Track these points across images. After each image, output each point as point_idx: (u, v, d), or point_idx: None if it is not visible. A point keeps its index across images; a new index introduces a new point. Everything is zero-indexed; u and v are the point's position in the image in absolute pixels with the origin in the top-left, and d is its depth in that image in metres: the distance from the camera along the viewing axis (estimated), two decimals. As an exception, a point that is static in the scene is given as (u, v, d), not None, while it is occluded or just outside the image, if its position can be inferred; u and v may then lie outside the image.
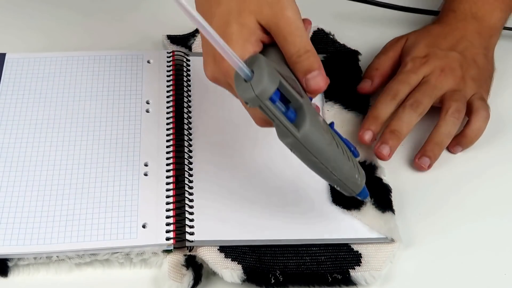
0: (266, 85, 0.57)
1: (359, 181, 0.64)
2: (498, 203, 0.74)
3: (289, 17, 0.62)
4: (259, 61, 0.58)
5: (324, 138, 0.60)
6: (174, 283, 0.65)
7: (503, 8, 0.82)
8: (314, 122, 0.60)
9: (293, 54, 0.62)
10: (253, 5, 0.62)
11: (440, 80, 0.77)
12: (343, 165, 0.62)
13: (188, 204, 0.70)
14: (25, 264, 0.67)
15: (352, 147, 0.65)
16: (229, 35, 0.62)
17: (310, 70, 0.62)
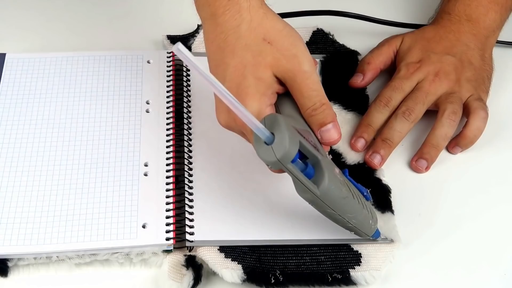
0: (288, 149, 0.57)
1: (372, 225, 0.66)
2: (498, 203, 0.74)
3: (306, 71, 0.63)
4: (279, 123, 0.58)
5: (341, 192, 0.62)
6: (174, 283, 0.65)
7: (497, 10, 0.82)
8: (332, 178, 0.61)
9: (309, 107, 0.63)
10: (270, 58, 0.63)
11: (433, 85, 0.77)
12: (359, 214, 0.64)
13: (188, 204, 0.70)
14: (25, 264, 0.67)
15: (364, 191, 0.66)
16: (245, 89, 0.62)
17: (325, 123, 0.64)
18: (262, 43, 0.63)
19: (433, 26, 0.83)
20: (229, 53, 0.63)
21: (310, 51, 0.84)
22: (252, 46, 0.63)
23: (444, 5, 0.84)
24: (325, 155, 0.64)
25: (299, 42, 0.64)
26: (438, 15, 0.84)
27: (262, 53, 0.63)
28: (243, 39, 0.63)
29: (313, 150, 0.61)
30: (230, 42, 0.63)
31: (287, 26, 0.65)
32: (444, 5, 0.84)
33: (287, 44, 0.63)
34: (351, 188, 0.64)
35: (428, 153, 0.75)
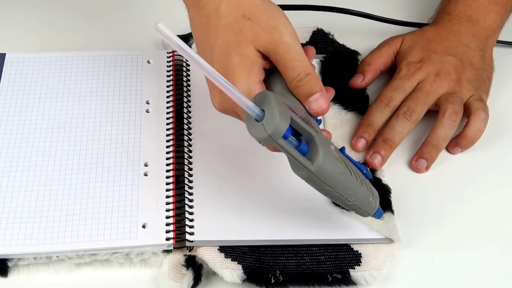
0: (278, 124, 0.57)
1: (373, 203, 0.65)
2: (498, 203, 0.74)
3: (287, 42, 0.63)
4: (268, 99, 0.58)
5: (337, 167, 0.61)
6: (174, 283, 0.65)
7: (498, 10, 0.82)
8: (327, 153, 0.60)
9: (294, 78, 0.63)
10: (250, 33, 0.63)
11: (434, 85, 0.77)
12: (358, 191, 0.63)
13: (188, 204, 0.70)
14: (25, 264, 0.67)
15: (364, 169, 0.66)
16: (231, 68, 0.62)
17: (311, 93, 0.63)
18: (242, 20, 0.63)
19: (433, 26, 0.83)
20: (212, 35, 0.64)
21: (310, 51, 0.86)
22: (233, 25, 0.63)
23: (444, 6, 0.84)
24: (320, 132, 0.63)
25: (278, 14, 0.64)
26: (439, 15, 0.84)
27: (242, 30, 0.63)
28: (223, 19, 0.63)
29: (306, 126, 0.60)
30: (212, 24, 0.64)
31: (265, 0, 0.65)
32: (445, 6, 0.84)
33: (266, 17, 0.63)
34: (349, 165, 0.63)
35: (428, 153, 0.75)
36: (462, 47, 0.80)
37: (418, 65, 0.79)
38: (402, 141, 0.76)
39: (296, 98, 0.64)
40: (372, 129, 0.76)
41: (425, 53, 0.80)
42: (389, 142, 0.75)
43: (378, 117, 0.76)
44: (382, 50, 0.82)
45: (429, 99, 0.77)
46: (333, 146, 0.63)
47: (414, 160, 0.76)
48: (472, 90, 0.78)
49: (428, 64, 0.78)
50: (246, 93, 0.61)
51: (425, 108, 0.76)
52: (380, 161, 0.75)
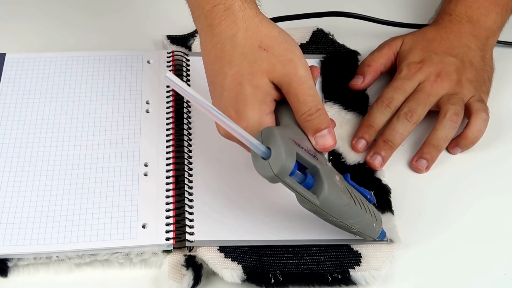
0: (285, 163, 0.58)
1: (377, 228, 0.66)
2: (498, 203, 0.74)
3: (302, 76, 0.63)
4: (274, 137, 0.58)
5: (342, 200, 0.62)
6: (174, 283, 0.65)
7: (498, 11, 0.82)
8: (332, 186, 0.61)
9: (304, 112, 0.63)
10: (266, 65, 0.63)
11: (435, 86, 0.77)
12: (362, 219, 0.64)
13: (188, 204, 0.70)
14: (25, 264, 0.67)
15: (367, 194, 0.66)
16: (243, 97, 0.63)
17: (320, 129, 0.64)
18: (258, 51, 0.63)
19: (434, 27, 0.83)
20: (226, 62, 0.64)
21: (310, 51, 0.86)
22: (248, 54, 0.63)
23: (445, 6, 0.84)
24: (325, 162, 0.64)
25: (294, 48, 0.65)
26: (439, 16, 0.84)
27: (257, 60, 0.63)
28: (239, 47, 0.63)
29: (311, 159, 0.61)
30: (227, 51, 0.64)
31: (282, 32, 0.65)
32: (445, 6, 0.84)
33: (283, 49, 0.64)
34: (353, 194, 0.64)
35: (429, 153, 0.75)
36: (462, 47, 0.80)
37: (419, 65, 0.79)
38: (403, 142, 0.76)
39: (302, 131, 0.64)
40: (373, 129, 0.76)
41: (426, 54, 0.80)
42: (389, 143, 0.75)
43: (379, 117, 0.76)
44: (382, 52, 0.82)
45: (430, 100, 0.77)
46: (338, 176, 0.63)
47: (415, 160, 0.76)
48: (472, 90, 0.78)
49: (429, 65, 0.78)
50: (256, 125, 0.62)
51: (426, 109, 0.76)
52: (380, 161, 0.75)
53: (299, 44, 0.86)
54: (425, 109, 0.76)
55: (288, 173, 0.58)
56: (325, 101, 0.80)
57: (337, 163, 0.75)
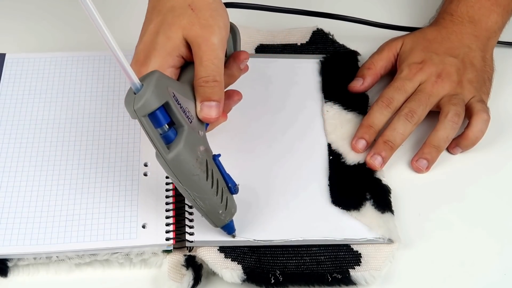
0: (146, 101, 0.57)
1: (222, 216, 0.65)
2: (498, 203, 0.74)
3: (214, 43, 0.64)
4: (151, 77, 0.58)
5: (193, 167, 0.61)
6: (174, 283, 0.65)
7: (500, 12, 0.82)
8: (188, 149, 0.60)
9: (202, 77, 0.64)
10: (186, 21, 0.65)
11: (436, 87, 0.77)
12: (208, 198, 0.63)
13: (188, 204, 0.70)
14: (25, 264, 0.67)
15: (231, 184, 0.65)
16: (154, 44, 0.65)
17: (209, 99, 0.64)
18: (186, 8, 0.65)
19: (434, 27, 0.83)
20: (156, 11, 0.67)
21: (310, 51, 0.86)
22: (176, 9, 0.65)
23: (446, 6, 0.84)
24: (198, 131, 0.63)
25: (220, 18, 0.66)
26: (440, 15, 0.84)
27: (181, 15, 0.65)
28: (172, 1, 0.66)
29: (181, 117, 0.60)
30: (161, 2, 0.66)
31: (217, 2, 0.67)
32: (446, 6, 0.84)
33: (208, 15, 0.65)
34: (211, 172, 0.63)
35: (429, 153, 0.75)
36: (463, 48, 0.80)
37: (420, 66, 0.79)
38: (403, 142, 0.76)
39: (193, 96, 0.64)
40: (373, 130, 0.76)
41: (427, 54, 0.80)
42: (390, 144, 0.75)
43: (379, 118, 0.76)
44: (382, 54, 0.82)
45: (431, 100, 0.77)
46: (203, 147, 0.63)
47: (415, 160, 0.76)
48: (473, 91, 0.78)
49: (430, 65, 0.78)
50: None
51: (427, 109, 0.76)
52: (380, 162, 0.74)
53: (299, 44, 0.86)
54: (425, 110, 0.76)
55: (147, 113, 0.58)
56: (325, 101, 0.80)
57: (337, 163, 0.75)
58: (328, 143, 0.77)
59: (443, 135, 0.75)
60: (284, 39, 0.87)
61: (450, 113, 0.75)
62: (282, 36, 0.87)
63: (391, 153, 0.75)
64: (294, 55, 0.85)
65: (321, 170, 0.74)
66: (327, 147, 0.76)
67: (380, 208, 0.71)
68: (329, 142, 0.77)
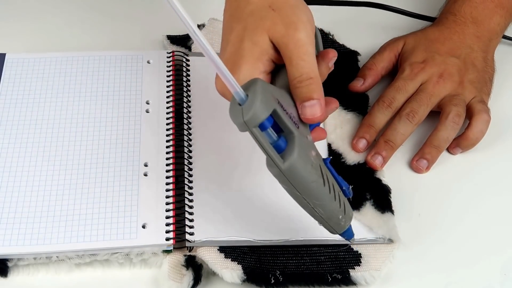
0: (256, 112, 0.55)
1: (342, 222, 0.63)
2: (498, 203, 0.74)
3: (300, 39, 0.61)
4: (255, 86, 0.56)
5: (310, 174, 0.59)
6: (174, 283, 0.65)
7: (503, 14, 0.82)
8: (303, 156, 0.58)
9: (295, 77, 0.61)
10: (269, 23, 0.62)
11: (437, 87, 0.77)
12: (327, 204, 0.61)
13: (188, 204, 0.70)
14: (25, 264, 0.67)
15: (345, 186, 0.63)
16: (241, 51, 0.61)
17: (308, 98, 0.61)
18: (267, 10, 0.62)
19: (437, 27, 0.83)
20: (236, 18, 0.63)
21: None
22: (256, 12, 0.62)
23: (449, 6, 0.84)
24: (305, 135, 0.61)
25: (302, 13, 0.63)
26: (443, 15, 0.84)
27: (263, 18, 0.62)
28: (251, 5, 0.63)
29: (290, 124, 0.58)
30: (239, 9, 0.64)
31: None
32: (449, 6, 0.84)
33: (290, 12, 0.62)
34: (326, 176, 0.61)
35: (429, 153, 0.75)
36: (465, 48, 0.80)
37: (422, 65, 0.79)
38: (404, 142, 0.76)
39: (293, 101, 0.62)
40: (374, 129, 0.76)
41: (429, 54, 0.80)
42: (390, 143, 0.75)
43: (380, 117, 0.76)
44: (384, 55, 0.82)
45: (432, 100, 0.77)
46: (314, 152, 0.61)
47: (415, 160, 0.76)
48: (474, 91, 0.78)
49: (432, 65, 0.78)
50: (248, 79, 0.59)
51: (428, 109, 0.76)
52: (381, 162, 0.75)
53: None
54: (426, 110, 0.76)
55: (258, 123, 0.56)
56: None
57: (337, 163, 0.75)
58: (328, 143, 0.77)
59: (443, 136, 0.75)
60: (284, 39, 0.87)
61: (451, 113, 0.75)
62: (282, 36, 0.87)
63: (391, 153, 0.75)
64: (294, 55, 0.85)
65: (321, 170, 0.74)
66: (327, 147, 0.76)
67: (380, 208, 0.71)
68: (329, 142, 0.77)
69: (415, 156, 0.76)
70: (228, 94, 0.62)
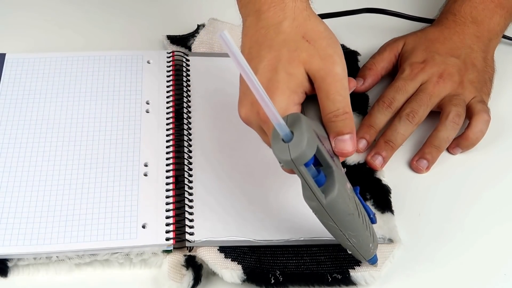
0: (304, 150, 0.56)
1: (372, 249, 0.65)
2: (498, 203, 0.74)
3: (338, 73, 0.61)
4: (300, 123, 0.56)
5: (348, 207, 0.60)
6: (174, 283, 0.65)
7: (503, 14, 0.82)
8: (342, 191, 0.59)
9: (331, 112, 0.61)
10: (305, 55, 0.61)
11: (437, 87, 0.77)
12: (361, 234, 0.62)
13: (188, 204, 0.70)
14: (25, 264, 0.66)
15: (371, 214, 0.65)
16: (275, 83, 0.61)
17: (342, 133, 0.62)
18: (301, 41, 0.62)
19: (437, 27, 0.83)
20: (266, 47, 0.62)
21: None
22: (290, 42, 0.62)
23: (449, 6, 0.84)
24: (340, 167, 0.62)
25: (336, 46, 0.63)
26: (443, 15, 0.84)
27: (298, 49, 0.61)
28: (282, 34, 0.62)
29: (329, 158, 0.59)
30: (269, 36, 0.63)
31: (328, 30, 0.64)
32: (450, 6, 0.84)
33: (325, 44, 0.62)
34: (359, 207, 0.62)
35: (430, 153, 0.75)
36: (465, 48, 0.80)
37: (422, 65, 0.79)
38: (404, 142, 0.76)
39: (325, 131, 0.63)
40: (374, 130, 0.76)
41: (429, 54, 0.80)
42: (390, 144, 0.75)
43: (380, 118, 0.76)
44: (384, 55, 0.82)
45: (432, 101, 0.77)
46: (349, 184, 0.62)
47: (415, 160, 0.76)
48: (474, 91, 0.78)
49: (432, 65, 0.78)
50: (282, 112, 0.59)
51: (428, 110, 0.76)
52: (381, 162, 0.75)
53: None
54: (426, 110, 0.76)
55: (305, 162, 0.56)
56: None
57: (337, 163, 0.75)
58: (328, 143, 0.77)
59: (443, 136, 0.75)
60: (284, 39, 0.87)
61: (451, 113, 0.75)
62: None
63: (391, 153, 0.75)
64: (294, 55, 0.85)
65: (321, 170, 0.74)
66: (327, 147, 0.76)
67: (380, 208, 0.71)
68: (329, 142, 0.77)
69: (415, 156, 0.76)
70: (254, 125, 0.63)
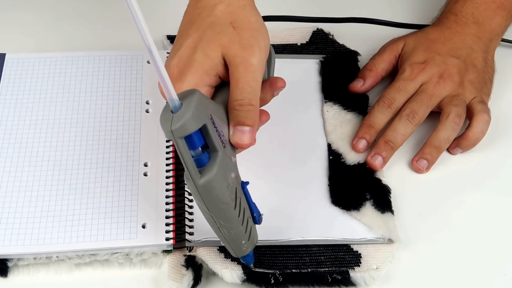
0: (185, 124, 0.54)
1: (244, 247, 0.63)
2: (498, 203, 0.74)
3: (252, 64, 0.61)
4: (191, 97, 0.55)
5: (223, 195, 0.59)
6: (174, 283, 0.65)
7: (504, 15, 0.82)
8: (220, 176, 0.58)
9: (236, 100, 0.60)
10: (226, 39, 0.61)
11: (438, 87, 0.77)
12: (233, 227, 0.61)
13: (188, 204, 0.70)
14: (25, 264, 0.67)
15: (256, 213, 0.63)
16: (191, 61, 0.61)
17: (243, 124, 0.61)
18: (227, 26, 0.62)
19: (437, 27, 0.83)
20: (195, 26, 0.63)
21: (310, 51, 0.86)
22: (216, 25, 0.62)
23: (450, 6, 0.84)
24: (230, 156, 0.60)
25: (261, 37, 0.62)
26: (443, 15, 0.84)
27: (221, 32, 0.62)
28: (212, 17, 0.63)
29: (217, 142, 0.58)
30: (201, 17, 0.64)
31: (260, 22, 0.64)
32: (451, 6, 0.84)
33: (249, 34, 0.62)
34: (239, 201, 0.61)
35: (430, 153, 0.75)
36: (466, 49, 0.80)
37: (422, 66, 0.78)
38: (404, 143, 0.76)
39: (227, 120, 0.61)
40: (374, 130, 0.76)
41: (429, 54, 0.79)
42: (390, 144, 0.75)
43: (380, 118, 0.76)
44: (384, 56, 0.82)
45: (432, 101, 0.77)
46: (234, 174, 0.60)
47: (415, 160, 0.76)
48: (474, 92, 0.78)
49: (432, 66, 0.78)
50: None
51: (428, 110, 0.76)
52: (381, 162, 0.75)
53: (299, 44, 0.86)
54: (427, 111, 0.76)
55: (184, 135, 0.55)
56: (325, 101, 0.80)
57: (337, 163, 0.75)
58: (328, 143, 0.77)
59: (444, 136, 0.75)
60: (284, 39, 0.87)
61: (452, 114, 0.75)
62: (282, 36, 0.87)
63: (391, 153, 0.75)
64: (294, 55, 0.85)
65: (321, 170, 0.74)
66: (327, 147, 0.76)
67: (380, 208, 0.71)
68: (329, 142, 0.77)
69: (415, 156, 0.76)
70: None
